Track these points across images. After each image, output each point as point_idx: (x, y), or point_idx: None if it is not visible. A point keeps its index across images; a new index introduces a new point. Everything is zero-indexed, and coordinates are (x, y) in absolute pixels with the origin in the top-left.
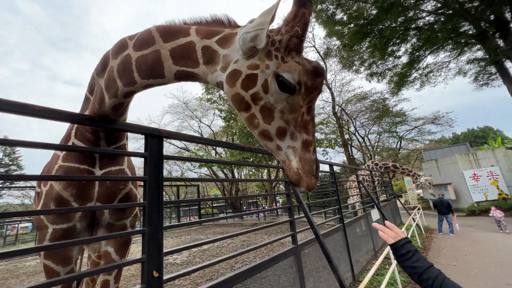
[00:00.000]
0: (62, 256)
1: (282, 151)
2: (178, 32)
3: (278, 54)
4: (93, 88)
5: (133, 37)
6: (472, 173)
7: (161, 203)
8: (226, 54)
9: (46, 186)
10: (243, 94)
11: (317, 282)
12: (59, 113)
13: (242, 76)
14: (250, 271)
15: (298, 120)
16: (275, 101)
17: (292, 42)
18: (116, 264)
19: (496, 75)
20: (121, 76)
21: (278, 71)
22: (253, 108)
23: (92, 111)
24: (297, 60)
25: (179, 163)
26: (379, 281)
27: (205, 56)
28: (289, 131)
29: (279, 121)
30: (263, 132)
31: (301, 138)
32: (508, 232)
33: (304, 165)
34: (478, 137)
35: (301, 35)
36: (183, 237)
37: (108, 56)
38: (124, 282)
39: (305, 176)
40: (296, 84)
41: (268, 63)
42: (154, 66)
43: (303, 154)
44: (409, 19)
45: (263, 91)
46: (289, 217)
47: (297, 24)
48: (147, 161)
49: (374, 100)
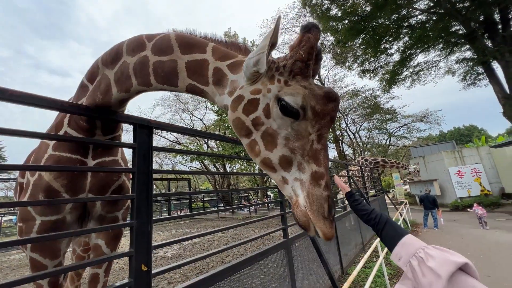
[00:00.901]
0: (51, 249)
1: (289, 184)
2: (196, 47)
3: (281, 78)
4: (94, 76)
5: (151, 38)
6: (457, 170)
7: (150, 196)
8: (234, 79)
9: (34, 176)
10: (244, 118)
11: (307, 275)
12: (52, 102)
13: (245, 101)
14: (241, 265)
15: (306, 149)
16: (278, 126)
17: (296, 66)
18: (103, 258)
19: (483, 75)
20: (137, 75)
21: (279, 94)
22: (254, 134)
23: (92, 100)
24: (303, 84)
25: (170, 157)
26: (366, 274)
27: (215, 77)
28: (296, 160)
29: (283, 148)
30: (265, 161)
31: (310, 170)
32: (488, 229)
33: (313, 203)
34: (463, 135)
35: (306, 59)
36: (174, 231)
37: (121, 50)
38: (112, 275)
39: (314, 218)
40: (299, 108)
41: (270, 86)
42: (170, 75)
43: (312, 189)
44: (402, 17)
45: (264, 115)
46: (281, 211)
47: (302, 48)
48: (135, 153)
49: (366, 97)
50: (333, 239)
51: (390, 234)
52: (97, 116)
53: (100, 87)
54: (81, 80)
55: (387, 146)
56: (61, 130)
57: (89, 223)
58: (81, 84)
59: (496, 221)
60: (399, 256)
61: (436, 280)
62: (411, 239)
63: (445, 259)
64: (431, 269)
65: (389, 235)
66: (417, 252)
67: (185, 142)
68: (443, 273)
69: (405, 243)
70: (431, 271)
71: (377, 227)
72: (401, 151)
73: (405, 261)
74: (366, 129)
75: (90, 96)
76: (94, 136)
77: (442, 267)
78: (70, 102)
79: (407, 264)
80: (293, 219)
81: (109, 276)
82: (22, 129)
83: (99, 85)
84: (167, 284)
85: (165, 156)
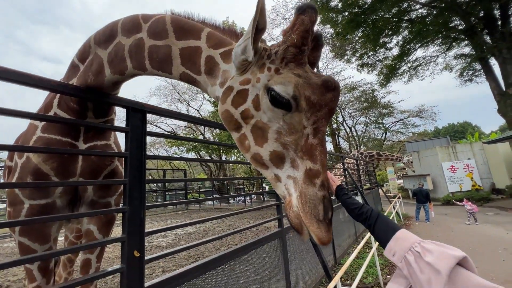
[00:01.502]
0: (40, 233)
1: (281, 182)
2: (191, 32)
3: (272, 66)
4: (86, 56)
5: (147, 19)
6: (450, 165)
7: (143, 182)
8: (226, 69)
9: (22, 158)
10: (233, 111)
11: (300, 264)
12: (39, 80)
13: (234, 92)
14: (235, 253)
15: (300, 144)
16: (268, 119)
17: (289, 52)
18: (95, 242)
19: (480, 72)
20: (132, 58)
21: (269, 83)
22: (244, 128)
23: (84, 81)
24: (297, 72)
25: (166, 147)
26: (359, 264)
27: (207, 66)
28: (289, 157)
29: (274, 143)
30: (255, 157)
31: (304, 167)
32: (477, 224)
33: (306, 204)
34: (457, 131)
35: (300, 44)
36: (169, 221)
37: (116, 29)
38: (107, 263)
39: (307, 221)
40: (290, 98)
41: (260, 76)
42: (164, 61)
43: (305, 188)
44: (402, 10)
45: (254, 107)
46: (276, 201)
47: (295, 32)
48: (128, 137)
49: (364, 91)
50: (329, 243)
51: (382, 229)
52: (88, 97)
53: (92, 67)
54: (72, 60)
55: (382, 140)
56: (50, 111)
57: (80, 208)
58: (71, 64)
59: (486, 216)
60: (393, 251)
61: (435, 276)
62: (405, 233)
63: (444, 253)
64: (429, 264)
65: (382, 229)
66: (412, 247)
67: (181, 133)
68: (443, 268)
69: (400, 238)
70: (429, 267)
71: (368, 222)
72: (396, 146)
73: (400, 257)
74: (363, 123)
75: (81, 77)
76: (85, 119)
77: (441, 262)
78: (58, 81)
79: (402, 260)
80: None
81: (101, 262)
82: (8, 108)
83: (90, 65)
84: (162, 272)
85: (161, 147)
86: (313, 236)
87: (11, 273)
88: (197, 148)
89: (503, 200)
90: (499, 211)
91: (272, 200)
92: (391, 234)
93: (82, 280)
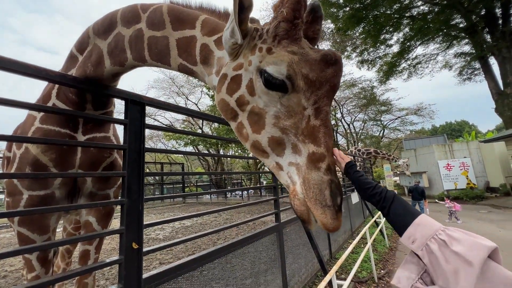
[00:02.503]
0: (39, 223)
1: (284, 170)
2: (187, 21)
3: (263, 46)
4: (85, 46)
5: (146, 9)
6: (446, 163)
7: (142, 174)
8: (220, 56)
9: (21, 149)
10: (228, 99)
11: (296, 258)
12: (35, 70)
13: (228, 79)
14: (232, 246)
15: (301, 127)
16: (265, 104)
17: (281, 28)
18: (94, 234)
19: (479, 71)
20: (132, 49)
21: (261, 65)
22: (240, 116)
23: (83, 72)
24: (291, 49)
25: (164, 141)
26: (354, 259)
27: (202, 55)
28: (289, 142)
29: (272, 129)
30: (255, 145)
31: (307, 151)
32: (459, 223)
33: (310, 190)
34: (454, 130)
35: (291, 17)
36: (166, 214)
37: (115, 19)
38: (104, 255)
39: (312, 206)
40: (285, 78)
41: (251, 58)
42: (162, 52)
43: (308, 173)
44: (404, 6)
45: (248, 93)
46: (274, 195)
47: (285, 5)
48: (127, 129)
49: (363, 87)
50: (337, 230)
51: (399, 213)
52: (87, 89)
53: (91, 58)
54: (70, 51)
55: (380, 137)
56: (49, 103)
57: (79, 199)
58: (70, 54)
59: (479, 213)
60: (413, 239)
61: (465, 267)
62: (427, 219)
63: (475, 243)
64: (458, 255)
65: (399, 213)
66: (436, 234)
67: (179, 126)
68: (475, 260)
69: (421, 224)
70: (458, 257)
71: (382, 203)
72: (393, 143)
73: (421, 244)
74: (361, 120)
75: (80, 67)
76: (84, 111)
77: (472, 252)
78: (56, 71)
79: (422, 248)
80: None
81: (99, 254)
82: (7, 98)
83: (89, 56)
84: (159, 265)
85: (159, 140)
86: (318, 223)
87: (8, 264)
88: (195, 142)
89: (497, 199)
90: (492, 209)
91: (269, 194)
92: (410, 219)
93: (81, 271)
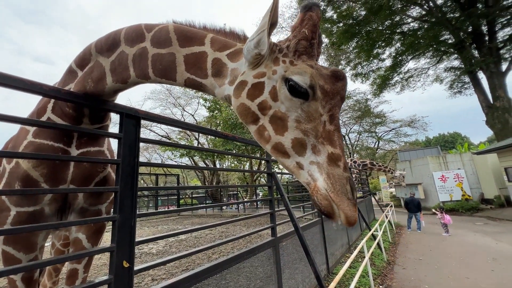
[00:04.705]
0: (26, 242)
1: (304, 169)
2: (194, 39)
3: (286, 59)
4: (86, 63)
5: (150, 29)
6: (440, 174)
7: (135, 189)
8: (234, 67)
9: (11, 163)
10: (249, 104)
11: (293, 273)
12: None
13: (248, 85)
14: (228, 262)
15: (319, 130)
16: (287, 109)
17: (301, 45)
18: (82, 253)
19: (469, 84)
20: (135, 67)
21: (286, 74)
22: (262, 119)
23: (82, 87)
24: (310, 63)
25: (160, 151)
26: (351, 274)
27: (214, 68)
28: (310, 143)
29: (294, 131)
30: (277, 146)
31: (326, 152)
32: (449, 235)
33: (335, 184)
34: (447, 141)
35: (310, 37)
36: (160, 227)
37: (119, 38)
38: (94, 271)
39: (338, 199)
40: (308, 87)
41: (276, 68)
42: (168, 68)
43: (332, 169)
44: (395, 23)
45: (271, 98)
46: (270, 209)
47: (305, 27)
48: (121, 143)
49: (357, 100)
50: (355, 223)
51: None
52: (83, 104)
53: (92, 74)
54: (69, 65)
55: (375, 149)
56: (43, 116)
57: (69, 215)
58: (69, 69)
59: (475, 225)
60: None
61: None
62: None
63: None
64: None
65: None
66: None
67: (175, 137)
68: None
69: None
70: None
71: None
72: (388, 154)
73: None
74: (356, 131)
75: (80, 83)
76: (80, 125)
77: None
78: (51, 86)
79: None
80: (314, 206)
81: (89, 272)
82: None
83: (90, 72)
84: (151, 281)
85: (154, 151)
86: (341, 216)
87: None
88: (190, 153)
89: (492, 210)
90: (488, 221)
91: (265, 206)
92: None
93: None
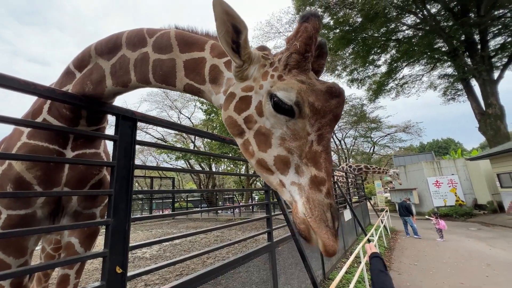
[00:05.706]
0: (16, 246)
1: (286, 188)
2: (195, 45)
3: (275, 73)
4: (85, 64)
5: (152, 34)
6: (435, 180)
7: (130, 193)
8: (230, 77)
9: (3, 165)
10: (236, 117)
11: (289, 279)
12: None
13: (236, 98)
14: (223, 268)
15: (304, 150)
16: (272, 125)
17: (292, 59)
18: (74, 258)
19: (462, 91)
20: (136, 71)
21: (271, 90)
22: (247, 133)
23: (80, 88)
24: (300, 78)
25: (155, 154)
26: (347, 279)
27: (211, 75)
28: (293, 162)
29: (278, 148)
30: (260, 162)
31: (309, 173)
32: (443, 240)
33: (313, 209)
34: (441, 147)
35: (303, 50)
36: (154, 231)
37: (120, 42)
38: (85, 276)
39: (315, 225)
40: (294, 104)
41: (263, 83)
42: (168, 74)
43: (312, 194)
44: (390, 30)
45: (257, 113)
46: (266, 213)
47: (298, 39)
48: (116, 145)
49: (353, 105)
50: (335, 255)
51: None
52: (79, 105)
53: (91, 76)
54: (67, 66)
55: (370, 154)
56: (39, 118)
57: (62, 219)
58: (66, 70)
59: (469, 231)
60: None
61: None
62: None
63: None
64: None
65: None
66: None
67: (171, 140)
68: None
69: None
70: None
71: None
72: (383, 159)
73: None
74: (352, 136)
75: (78, 84)
76: (77, 126)
77: None
78: (47, 86)
79: None
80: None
81: (81, 277)
82: None
83: (89, 74)
84: (144, 286)
85: (150, 154)
86: (320, 244)
87: None
88: (186, 156)
89: (485, 216)
90: (481, 227)
91: (261, 210)
92: None
93: None
